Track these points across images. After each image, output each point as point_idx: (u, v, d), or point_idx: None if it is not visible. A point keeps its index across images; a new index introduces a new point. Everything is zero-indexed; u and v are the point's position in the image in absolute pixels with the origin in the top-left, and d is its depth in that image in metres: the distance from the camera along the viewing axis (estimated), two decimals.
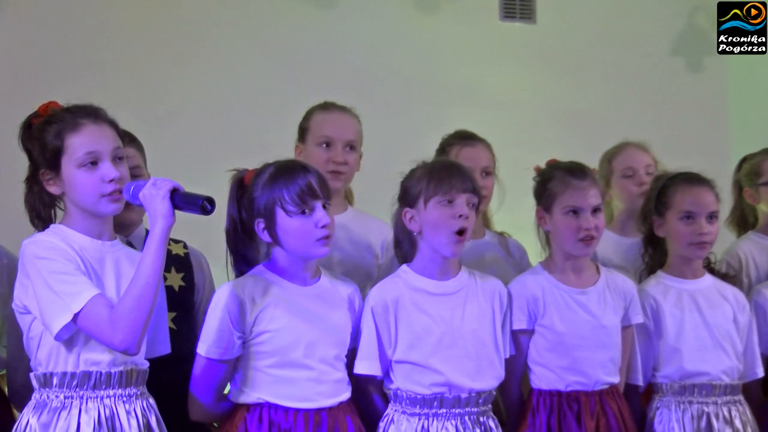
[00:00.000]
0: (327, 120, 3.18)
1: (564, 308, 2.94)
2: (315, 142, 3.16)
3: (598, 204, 2.96)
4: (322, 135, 3.16)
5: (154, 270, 2.39)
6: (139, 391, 2.54)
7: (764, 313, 3.21)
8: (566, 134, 4.82)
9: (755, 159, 3.66)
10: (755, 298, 3.23)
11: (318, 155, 3.12)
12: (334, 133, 3.16)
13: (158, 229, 2.40)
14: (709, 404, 3.03)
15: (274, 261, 2.72)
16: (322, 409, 2.66)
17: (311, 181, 2.64)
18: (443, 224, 2.76)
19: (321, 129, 3.17)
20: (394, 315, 2.79)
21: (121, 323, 2.36)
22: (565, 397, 2.92)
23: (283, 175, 2.66)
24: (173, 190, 2.41)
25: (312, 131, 3.18)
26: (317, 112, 3.22)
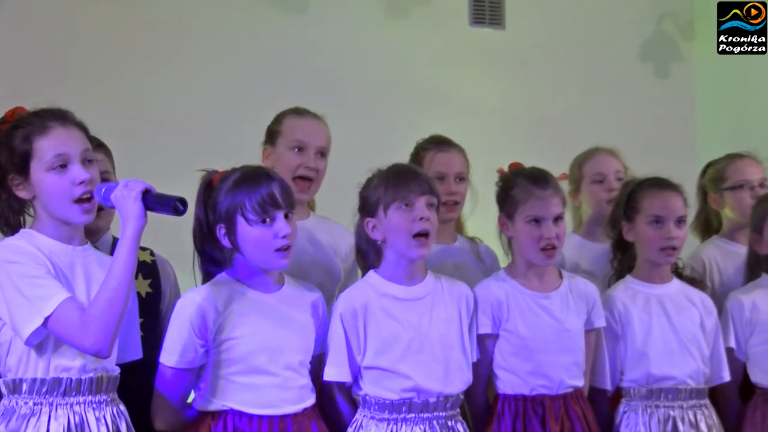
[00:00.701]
0: (300, 125, 3.17)
1: (527, 313, 2.96)
2: (287, 146, 3.14)
3: (560, 213, 2.97)
4: (295, 139, 3.14)
5: (126, 272, 2.37)
6: (109, 397, 2.52)
7: (740, 317, 3.23)
8: (536, 139, 4.83)
9: (719, 164, 3.69)
10: (729, 305, 3.26)
11: (290, 159, 3.11)
12: (307, 138, 3.14)
13: (130, 231, 2.38)
14: (675, 408, 3.04)
15: (236, 267, 2.71)
16: (286, 415, 2.65)
17: (274, 191, 2.63)
18: (405, 229, 2.77)
19: (294, 133, 3.15)
20: (363, 321, 2.79)
21: (92, 326, 2.34)
22: (530, 402, 2.93)
23: (246, 182, 2.65)
24: (145, 191, 2.40)
25: (284, 135, 3.16)
26: (290, 116, 3.20)
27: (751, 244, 3.34)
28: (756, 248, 3.30)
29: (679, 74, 5.43)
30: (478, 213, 3.42)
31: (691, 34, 5.42)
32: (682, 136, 5.34)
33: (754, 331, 3.21)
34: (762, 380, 3.20)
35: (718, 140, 4.87)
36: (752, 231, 3.31)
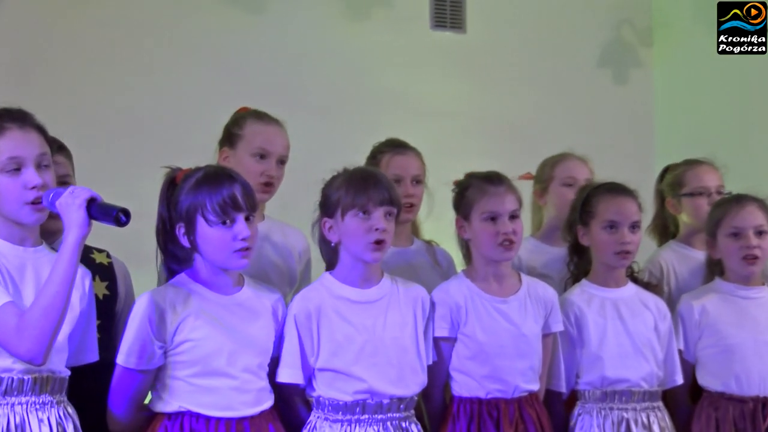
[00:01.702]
0: (264, 132, 3.14)
1: (485, 317, 2.96)
2: (249, 152, 3.11)
3: (515, 209, 2.99)
4: (258, 147, 3.11)
5: (65, 280, 2.35)
6: (55, 399, 2.49)
7: (690, 320, 3.26)
8: (494, 143, 4.86)
9: (678, 170, 3.71)
10: (680, 308, 3.28)
11: (252, 166, 3.07)
12: (270, 146, 3.12)
13: (71, 239, 2.37)
14: (629, 410, 3.06)
15: (195, 269, 2.69)
16: (244, 418, 2.64)
17: (236, 193, 2.62)
18: (360, 236, 2.77)
19: (257, 140, 3.11)
20: (317, 323, 2.79)
21: (27, 333, 2.32)
22: (485, 405, 2.94)
23: (208, 182, 2.63)
24: (90, 199, 2.39)
25: (246, 140, 3.12)
26: (253, 122, 3.16)
27: (708, 248, 3.36)
28: (711, 253, 3.34)
29: (638, 80, 5.48)
30: (435, 217, 3.43)
31: (649, 40, 5.47)
32: (641, 142, 5.38)
33: (702, 334, 3.24)
34: (709, 383, 3.23)
35: (676, 146, 4.92)
36: (707, 235, 3.34)
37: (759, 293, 3.29)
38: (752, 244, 3.21)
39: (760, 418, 3.15)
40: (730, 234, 3.24)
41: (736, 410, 3.17)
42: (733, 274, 3.28)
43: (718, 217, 3.30)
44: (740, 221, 3.24)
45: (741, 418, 3.15)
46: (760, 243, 3.22)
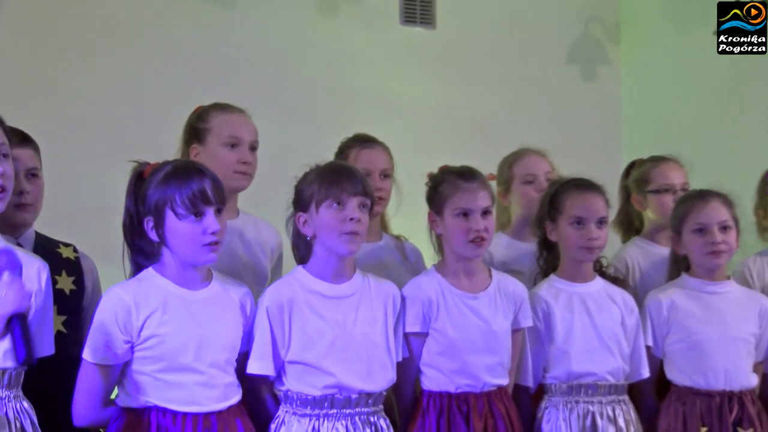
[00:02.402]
0: (231, 120, 3.14)
1: (456, 313, 2.98)
2: (220, 143, 3.10)
3: (488, 206, 3.00)
4: (228, 135, 3.10)
5: None
6: (12, 394, 2.47)
7: (658, 316, 3.28)
8: (464, 139, 4.87)
9: (644, 167, 3.74)
10: (648, 303, 3.30)
11: (225, 156, 3.08)
12: (240, 133, 3.12)
13: None
14: (595, 404, 3.09)
15: (163, 264, 2.69)
16: (211, 413, 2.64)
17: (205, 186, 2.62)
18: (335, 228, 2.77)
19: (226, 129, 3.11)
20: (289, 316, 2.79)
21: None
22: (454, 399, 2.95)
23: (177, 176, 2.63)
24: (14, 316, 2.34)
25: (215, 132, 3.12)
26: (217, 113, 3.16)
27: (673, 244, 3.39)
28: (676, 249, 3.36)
29: (605, 77, 5.51)
30: (405, 213, 3.44)
31: (617, 37, 5.50)
32: (608, 138, 5.41)
33: (671, 329, 3.26)
34: (677, 378, 3.25)
35: (643, 142, 4.95)
36: (672, 231, 3.37)
37: (725, 288, 3.31)
38: (717, 240, 3.23)
39: (726, 412, 3.18)
40: (695, 230, 3.26)
41: (704, 404, 3.19)
42: (699, 269, 3.30)
43: (682, 214, 3.31)
44: (705, 217, 3.26)
45: (708, 413, 3.18)
46: (725, 238, 3.24)
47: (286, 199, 2.93)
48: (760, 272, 3.67)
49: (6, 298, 2.33)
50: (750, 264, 3.68)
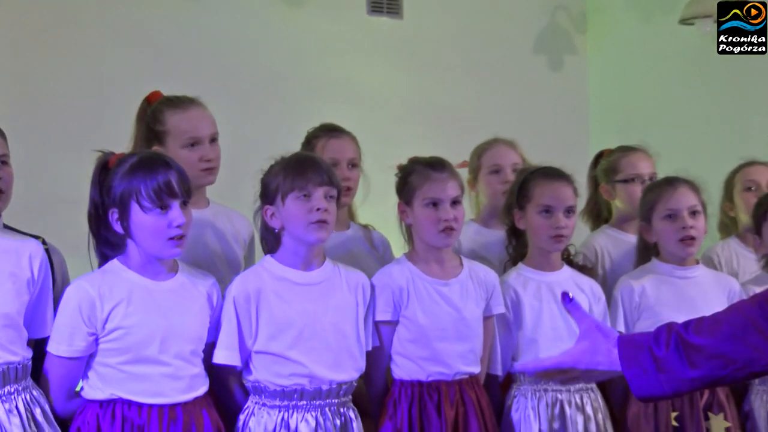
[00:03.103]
0: (186, 119, 3.07)
1: (427, 300, 2.98)
2: (180, 145, 3.04)
3: (457, 195, 3.00)
4: (187, 138, 3.05)
5: None
6: (21, 386, 2.50)
7: (629, 302, 3.29)
8: (431, 130, 4.87)
9: (613, 156, 3.75)
10: (620, 289, 3.32)
11: (187, 157, 3.00)
12: (198, 131, 3.06)
13: None
14: (563, 392, 3.10)
15: (128, 255, 2.67)
16: (177, 404, 2.63)
17: (171, 179, 2.60)
18: (302, 218, 2.76)
19: (183, 130, 3.05)
20: (256, 305, 2.78)
21: None
22: (426, 387, 2.95)
23: (143, 168, 2.60)
24: None
25: (173, 134, 3.06)
26: (171, 112, 3.08)
27: (641, 232, 3.40)
28: (646, 236, 3.37)
29: (572, 67, 5.52)
30: (373, 203, 3.43)
31: (583, 27, 5.52)
32: (576, 128, 5.43)
33: (641, 315, 3.28)
34: None
35: (610, 132, 4.97)
36: (641, 219, 3.38)
37: (695, 272, 3.33)
38: (688, 225, 3.24)
39: (697, 397, 3.20)
40: (665, 216, 3.27)
41: None
42: (670, 256, 3.32)
43: (652, 201, 3.33)
44: (674, 203, 3.27)
45: (679, 398, 3.18)
46: (695, 223, 3.26)
47: (253, 192, 2.91)
48: (728, 258, 3.72)
49: None
50: (718, 250, 3.75)
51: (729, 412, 3.22)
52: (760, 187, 3.75)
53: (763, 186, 3.75)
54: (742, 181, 3.81)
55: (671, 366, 1.99)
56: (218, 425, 2.73)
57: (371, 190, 3.42)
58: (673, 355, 1.99)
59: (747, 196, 3.78)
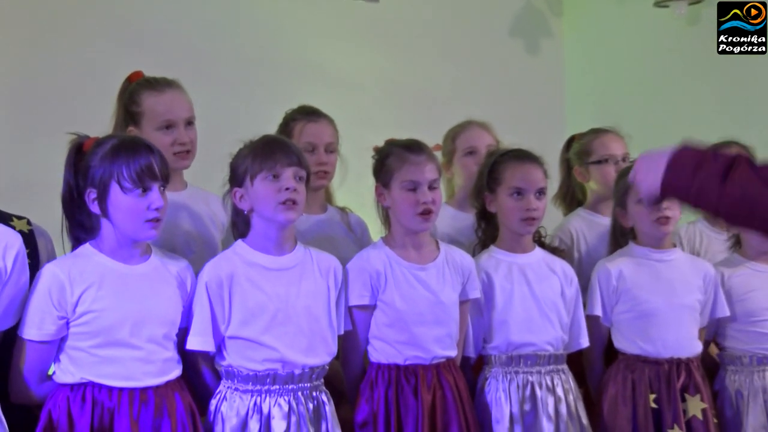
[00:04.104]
0: (162, 101, 3.08)
1: (404, 284, 2.99)
2: (155, 127, 3.05)
3: (435, 179, 3.01)
4: (161, 120, 3.05)
5: None
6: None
7: (607, 286, 3.30)
8: (407, 113, 4.84)
9: (585, 139, 3.76)
10: (597, 273, 3.32)
11: (161, 139, 3.01)
12: (173, 114, 3.07)
13: None
14: (534, 374, 3.11)
15: (101, 238, 2.68)
16: (148, 387, 2.64)
17: (153, 162, 2.63)
18: (270, 199, 2.77)
19: (158, 112, 3.06)
20: (229, 290, 2.78)
21: None
22: (403, 371, 2.96)
23: (126, 150, 2.63)
24: None
25: (148, 116, 3.07)
26: (148, 94, 3.09)
27: (615, 216, 3.41)
28: (622, 221, 3.38)
29: (548, 50, 5.50)
30: (350, 186, 3.43)
31: (559, 9, 5.51)
32: (552, 111, 5.42)
33: (619, 299, 3.29)
34: (625, 346, 3.28)
35: (586, 114, 4.97)
36: (616, 205, 3.39)
37: (671, 255, 3.35)
38: (662, 206, 3.24)
39: (674, 379, 3.22)
40: (640, 200, 3.26)
41: (652, 372, 3.23)
42: (646, 238, 3.33)
43: (626, 186, 3.31)
44: None
45: (656, 380, 3.22)
46: (669, 205, 3.26)
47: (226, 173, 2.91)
48: (691, 239, 3.75)
49: None
50: (681, 232, 3.76)
51: (705, 394, 3.25)
52: None
53: None
54: None
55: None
56: (192, 408, 2.74)
57: (348, 173, 3.42)
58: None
59: None
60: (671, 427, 3.18)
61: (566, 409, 3.11)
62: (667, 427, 3.18)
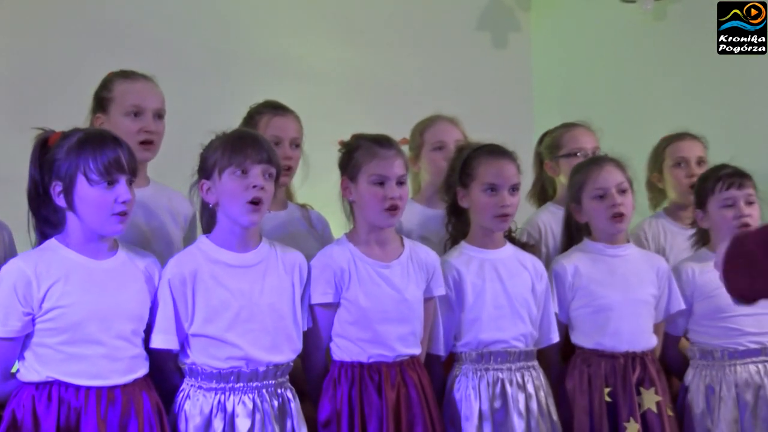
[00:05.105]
0: (134, 89, 3.08)
1: (368, 282, 2.95)
2: (122, 112, 3.05)
3: (403, 174, 2.97)
4: (130, 105, 3.05)
5: None
6: None
7: (563, 282, 3.30)
8: (373, 107, 4.80)
9: (555, 133, 3.78)
10: (554, 269, 3.32)
11: (127, 125, 3.02)
12: (142, 101, 3.06)
13: None
14: (504, 370, 3.09)
15: (67, 233, 2.64)
16: (115, 386, 2.60)
17: (121, 155, 2.60)
18: (238, 195, 2.73)
19: (128, 98, 3.06)
20: (192, 288, 2.75)
21: None
22: (366, 369, 2.93)
23: (93, 142, 2.60)
24: None
25: (117, 101, 3.06)
26: (120, 81, 3.10)
27: (569, 212, 3.41)
28: (576, 217, 3.37)
29: (516, 44, 5.48)
30: (313, 182, 3.39)
31: (527, 4, 5.49)
32: (520, 106, 5.39)
33: (575, 295, 3.29)
34: (582, 342, 3.28)
35: (554, 109, 4.96)
36: (571, 200, 3.39)
37: (625, 250, 3.36)
38: (617, 202, 3.26)
39: (630, 373, 3.22)
40: (595, 196, 3.29)
41: (608, 366, 3.23)
42: (601, 234, 3.33)
43: (580, 182, 3.34)
44: (602, 182, 3.29)
45: (612, 374, 3.22)
46: (624, 200, 3.28)
47: (191, 167, 2.87)
48: (655, 235, 3.77)
49: None
50: (645, 227, 3.79)
51: (659, 387, 3.25)
52: (689, 164, 3.77)
53: (692, 163, 3.77)
54: (671, 156, 3.83)
55: None
56: (159, 407, 2.70)
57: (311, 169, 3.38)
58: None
59: (677, 173, 3.80)
60: (627, 420, 3.18)
61: (537, 406, 3.09)
62: (622, 421, 3.18)
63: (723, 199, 3.37)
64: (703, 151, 3.82)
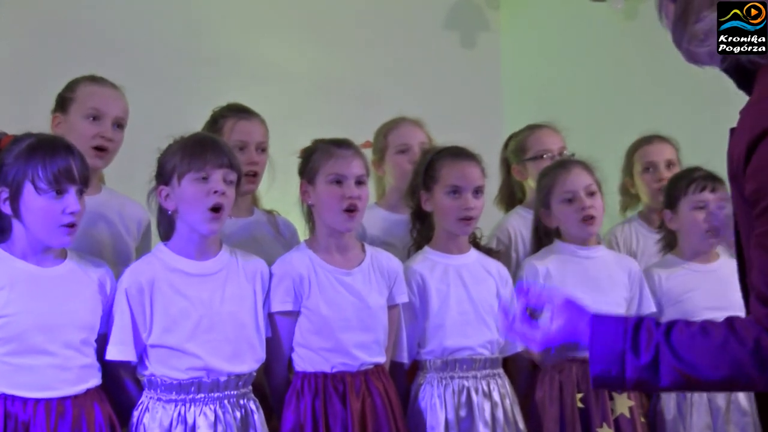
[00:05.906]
0: (97, 93, 3.00)
1: (329, 290, 2.89)
2: (82, 114, 2.96)
3: (362, 174, 2.92)
4: (91, 107, 2.97)
5: None
6: None
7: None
8: (338, 108, 4.74)
9: (520, 136, 3.72)
10: (525, 271, 3.27)
11: (84, 128, 2.94)
12: (104, 107, 2.98)
13: None
14: (469, 378, 3.04)
15: (12, 240, 2.56)
16: (66, 397, 2.52)
17: (72, 164, 2.52)
18: (198, 201, 2.66)
19: (90, 101, 2.97)
20: (150, 297, 2.68)
21: None
22: (330, 379, 2.86)
23: (43, 149, 2.51)
24: None
25: (79, 102, 2.98)
26: (86, 84, 3.02)
27: (539, 216, 3.36)
28: (545, 221, 3.34)
29: (486, 44, 5.44)
30: (278, 186, 3.32)
31: (497, 3, 5.45)
32: (489, 107, 5.35)
33: None
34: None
35: (524, 111, 4.91)
36: (540, 205, 3.34)
37: (597, 252, 3.33)
38: (587, 205, 3.23)
39: None
40: (564, 200, 3.26)
41: (579, 371, 3.19)
42: (572, 238, 3.30)
43: (548, 186, 3.30)
44: (571, 185, 3.26)
45: (584, 379, 3.18)
46: (593, 203, 3.25)
47: (149, 172, 2.80)
48: (627, 239, 3.75)
49: None
50: (617, 232, 3.77)
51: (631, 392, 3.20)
52: (657, 168, 3.74)
53: (661, 167, 3.74)
54: (640, 161, 3.80)
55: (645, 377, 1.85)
56: (111, 420, 2.63)
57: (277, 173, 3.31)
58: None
59: (646, 178, 3.77)
60: (600, 425, 3.15)
61: (503, 414, 3.04)
62: (595, 426, 3.15)
63: (695, 201, 3.34)
64: (673, 153, 3.78)
